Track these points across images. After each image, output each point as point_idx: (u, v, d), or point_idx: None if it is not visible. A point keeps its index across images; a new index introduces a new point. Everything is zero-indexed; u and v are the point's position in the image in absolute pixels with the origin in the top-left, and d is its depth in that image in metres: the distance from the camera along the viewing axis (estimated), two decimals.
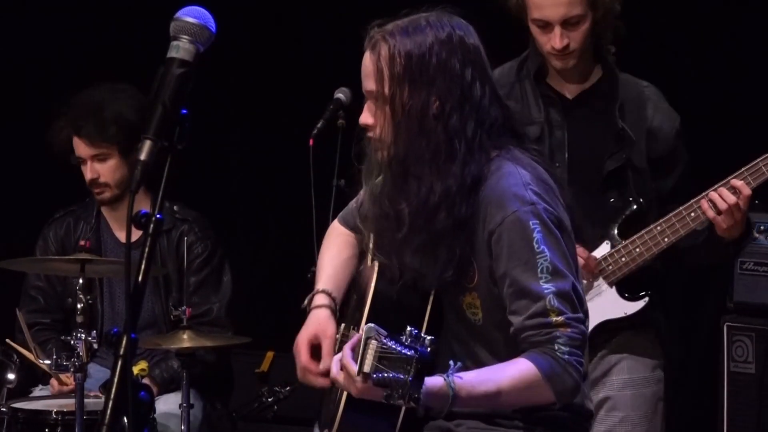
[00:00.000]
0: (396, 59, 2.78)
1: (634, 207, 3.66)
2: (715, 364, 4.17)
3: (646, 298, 3.70)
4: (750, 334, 4.12)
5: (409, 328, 2.53)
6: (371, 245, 3.03)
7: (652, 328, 3.79)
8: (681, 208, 3.62)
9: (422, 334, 2.52)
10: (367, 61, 2.83)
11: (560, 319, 2.71)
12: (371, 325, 2.48)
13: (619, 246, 3.64)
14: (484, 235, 2.78)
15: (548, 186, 2.84)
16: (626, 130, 3.69)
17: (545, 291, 2.71)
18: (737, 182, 3.52)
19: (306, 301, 3.14)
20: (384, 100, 2.80)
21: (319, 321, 3.01)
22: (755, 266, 4.15)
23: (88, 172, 4.61)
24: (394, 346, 2.49)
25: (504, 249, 2.75)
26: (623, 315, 3.61)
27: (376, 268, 3.02)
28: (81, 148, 4.61)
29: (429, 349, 2.49)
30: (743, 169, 3.51)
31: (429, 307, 2.88)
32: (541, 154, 3.01)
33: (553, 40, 3.66)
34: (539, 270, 2.73)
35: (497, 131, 2.85)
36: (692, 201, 3.57)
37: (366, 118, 2.86)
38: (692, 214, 3.61)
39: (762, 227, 4.11)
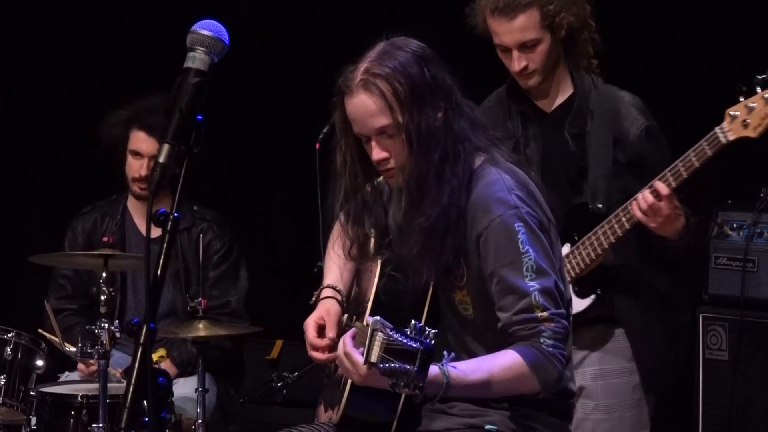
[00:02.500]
0: (398, 86, 2.77)
1: (591, 210, 3.68)
2: (691, 352, 4.17)
3: (593, 296, 3.72)
4: (723, 324, 4.17)
5: (413, 322, 2.58)
6: (373, 242, 3.04)
7: (618, 323, 3.81)
8: (619, 209, 3.66)
9: (426, 327, 2.55)
10: (368, 101, 2.79)
11: (545, 314, 2.76)
12: (377, 317, 2.51)
13: (573, 247, 3.66)
14: (472, 237, 2.83)
15: (530, 189, 2.88)
16: (569, 143, 3.72)
17: (530, 288, 2.75)
18: (658, 184, 3.56)
19: (314, 295, 3.16)
20: (398, 129, 2.79)
21: (325, 306, 3.05)
22: (728, 261, 4.19)
23: (144, 168, 4.62)
24: (399, 338, 2.53)
25: (491, 250, 2.79)
26: (575, 311, 3.62)
27: (378, 264, 3.03)
28: (145, 144, 4.68)
29: (433, 342, 2.51)
30: (666, 170, 3.53)
31: (428, 302, 2.91)
32: (514, 154, 3.04)
33: (513, 63, 3.70)
34: (524, 268, 2.77)
35: (479, 127, 2.88)
36: (626, 203, 3.60)
37: (379, 154, 2.84)
38: (627, 215, 3.65)
39: (734, 225, 4.13)
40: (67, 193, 5.58)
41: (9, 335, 4.51)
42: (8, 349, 4.50)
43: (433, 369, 2.64)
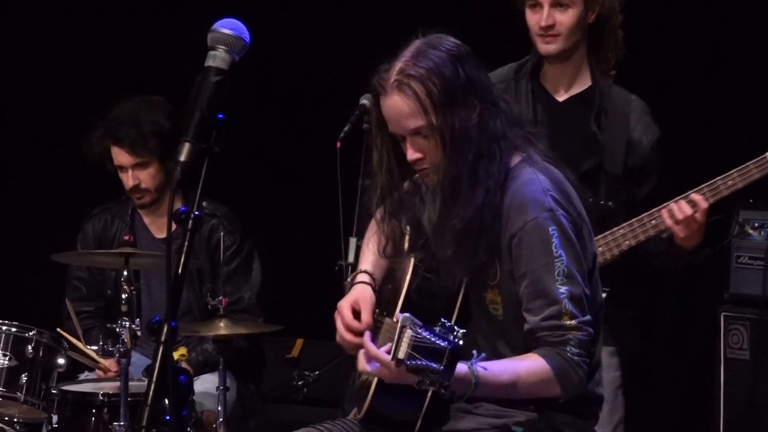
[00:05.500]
0: (432, 88, 2.71)
1: (603, 209, 3.62)
2: (712, 351, 4.12)
3: (604, 294, 3.68)
4: (744, 323, 4.12)
5: (442, 320, 2.53)
6: (408, 241, 2.99)
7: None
8: (644, 215, 3.60)
9: (455, 327, 2.50)
10: (402, 103, 2.73)
11: (573, 323, 2.72)
12: (406, 314, 2.46)
13: None
14: (506, 237, 2.78)
15: (565, 189, 2.83)
16: (598, 136, 3.65)
17: (560, 295, 2.71)
18: (696, 197, 3.51)
19: (349, 278, 3.11)
20: (432, 130, 2.73)
21: (359, 290, 2.99)
22: (749, 260, 4.15)
23: (130, 179, 4.62)
24: (428, 336, 2.48)
25: (524, 252, 2.74)
26: None
27: (411, 261, 2.98)
28: (122, 157, 4.62)
29: (461, 341, 2.46)
30: (704, 185, 3.49)
31: (459, 302, 2.86)
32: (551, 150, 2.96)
33: (541, 19, 3.63)
34: (556, 273, 2.73)
35: (516, 124, 2.82)
36: (654, 209, 3.54)
37: (414, 154, 2.79)
38: (653, 222, 3.60)
39: (756, 224, 4.07)
40: (85, 192, 5.53)
41: (30, 333, 4.47)
42: (29, 347, 4.46)
43: (462, 368, 2.60)
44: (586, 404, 2.86)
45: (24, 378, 4.44)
